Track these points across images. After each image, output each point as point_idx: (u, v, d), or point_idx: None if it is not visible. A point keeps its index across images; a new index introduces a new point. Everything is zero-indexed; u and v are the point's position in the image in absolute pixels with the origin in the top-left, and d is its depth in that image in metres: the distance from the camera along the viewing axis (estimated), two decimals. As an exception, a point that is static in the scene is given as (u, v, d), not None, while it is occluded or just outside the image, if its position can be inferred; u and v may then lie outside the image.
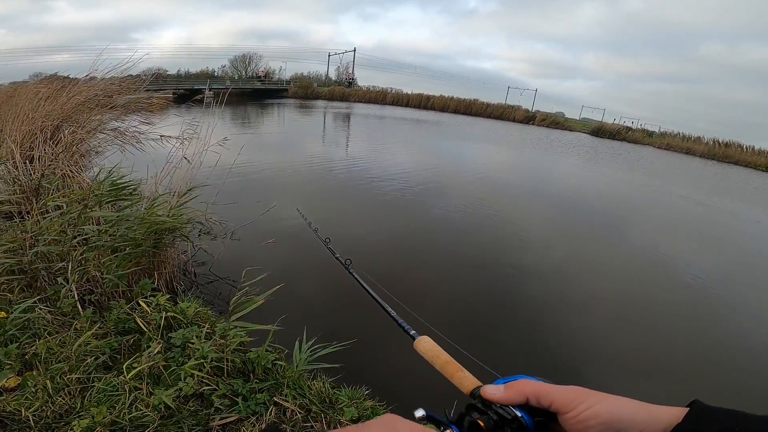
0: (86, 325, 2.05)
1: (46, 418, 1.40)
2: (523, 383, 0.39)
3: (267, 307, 2.17)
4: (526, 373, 0.42)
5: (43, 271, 2.57)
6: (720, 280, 5.11)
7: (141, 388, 1.58)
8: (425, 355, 0.57)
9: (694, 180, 16.02)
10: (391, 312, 0.80)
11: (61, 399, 1.50)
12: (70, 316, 2.20)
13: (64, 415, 1.45)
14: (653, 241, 6.40)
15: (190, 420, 1.52)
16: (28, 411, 1.40)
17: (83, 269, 2.44)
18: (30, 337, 1.88)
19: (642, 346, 3.32)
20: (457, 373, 0.50)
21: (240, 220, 4.48)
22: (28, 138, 4.83)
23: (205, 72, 40.48)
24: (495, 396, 0.40)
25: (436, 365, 0.54)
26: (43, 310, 2.18)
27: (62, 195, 3.05)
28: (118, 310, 2.18)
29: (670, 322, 3.82)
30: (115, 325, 2.12)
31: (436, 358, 0.55)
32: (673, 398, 0.41)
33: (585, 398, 0.36)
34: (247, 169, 7.41)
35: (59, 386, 1.56)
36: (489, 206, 6.97)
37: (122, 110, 5.76)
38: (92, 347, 1.81)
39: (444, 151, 13.77)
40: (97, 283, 2.53)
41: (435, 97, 38.11)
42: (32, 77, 13.37)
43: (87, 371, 1.68)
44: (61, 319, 2.18)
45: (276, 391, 1.74)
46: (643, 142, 31.29)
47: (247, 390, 1.70)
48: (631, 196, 10.39)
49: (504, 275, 4.31)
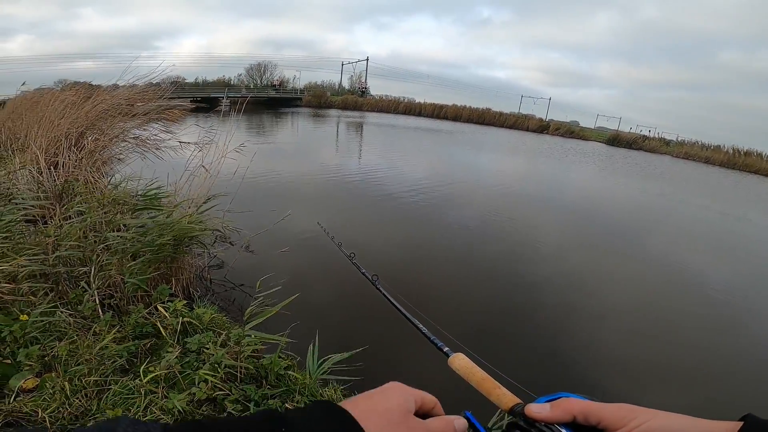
0: (105, 328, 2.09)
1: (62, 420, 1.43)
2: (570, 401, 0.39)
3: (282, 316, 2.18)
4: (567, 390, 0.41)
5: (64, 275, 2.65)
6: (739, 290, 4.97)
7: (156, 391, 1.60)
8: (460, 372, 0.56)
9: (714, 189, 15.60)
10: (422, 329, 0.79)
11: (78, 401, 1.54)
12: (90, 319, 2.25)
13: (80, 417, 1.47)
14: (672, 251, 6.24)
15: (204, 426, 1.53)
16: (44, 412, 1.44)
17: (105, 273, 2.51)
18: (52, 339, 1.93)
19: (665, 357, 3.23)
20: (494, 390, 0.49)
21: (255, 228, 4.54)
22: (53, 144, 5.01)
23: (222, 80, 41.49)
24: (541, 415, 0.39)
25: (472, 382, 0.54)
26: (65, 313, 2.24)
27: (85, 200, 3.14)
28: (137, 314, 2.22)
29: (693, 333, 3.72)
30: (134, 329, 2.16)
31: (471, 375, 0.54)
32: (694, 410, 0.40)
33: (636, 415, 0.35)
34: (263, 178, 7.53)
35: (77, 388, 1.59)
36: (506, 216, 6.92)
37: (144, 118, 5.94)
38: (111, 351, 1.85)
39: (459, 162, 13.76)
40: (117, 287, 2.59)
41: (448, 106, 38.23)
42: (57, 83, 13.92)
43: (105, 374, 1.72)
44: (81, 323, 2.23)
45: (287, 397, 1.74)
46: (660, 151, 30.70)
47: (259, 396, 1.71)
48: (648, 206, 10.17)
49: (525, 287, 4.26)
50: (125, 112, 5.73)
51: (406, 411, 0.39)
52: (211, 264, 3.57)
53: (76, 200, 3.29)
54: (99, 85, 6.16)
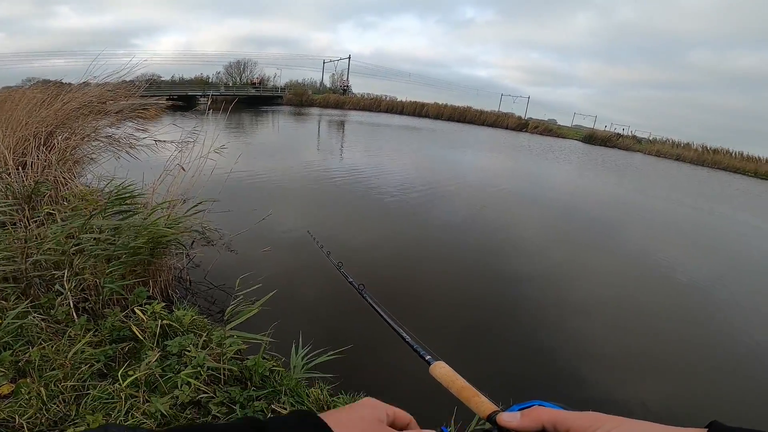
0: (80, 332, 2.04)
1: (41, 425, 1.39)
2: (540, 410, 0.39)
3: (264, 315, 2.17)
4: (540, 397, 0.43)
5: (36, 279, 2.55)
6: (714, 281, 5.23)
7: (137, 395, 1.57)
8: (441, 380, 0.57)
9: (681, 185, 16.29)
10: (405, 337, 0.80)
11: (56, 406, 1.49)
12: (65, 323, 2.18)
13: (59, 423, 1.44)
14: (648, 245, 6.50)
15: (187, 428, 1.51)
16: (22, 418, 1.39)
17: (80, 277, 2.43)
18: (24, 344, 1.86)
19: (646, 350, 3.37)
20: (473, 398, 0.50)
21: (235, 228, 4.48)
22: (21, 144, 4.80)
23: (200, 78, 40.45)
24: (511, 423, 0.40)
25: (452, 390, 0.55)
26: (37, 317, 2.16)
27: (56, 203, 3.03)
28: (113, 318, 2.16)
29: (670, 325, 3.90)
30: (110, 333, 2.11)
31: (452, 383, 0.55)
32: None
33: (602, 423, 0.35)
34: (243, 178, 7.41)
35: (54, 393, 1.55)
36: (486, 215, 7.03)
37: (117, 117, 5.75)
38: (87, 355, 1.80)
39: (439, 159, 13.88)
40: (92, 291, 2.52)
41: (429, 104, 38.48)
42: (24, 82, 13.29)
43: (82, 379, 1.67)
44: (55, 327, 2.16)
45: (274, 398, 1.74)
46: (633, 149, 31.78)
47: (244, 398, 1.70)
48: (623, 201, 10.54)
49: (504, 286, 4.34)
50: (97, 110, 5.54)
51: (378, 421, 0.42)
52: (190, 265, 3.50)
53: (46, 203, 3.16)
54: (70, 84, 5.92)
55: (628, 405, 2.62)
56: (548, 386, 2.77)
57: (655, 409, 2.58)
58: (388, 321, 0.88)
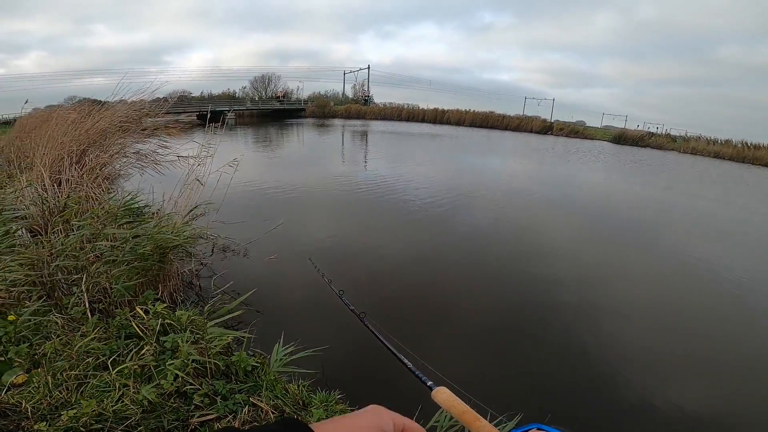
0: (92, 329, 2.25)
1: (43, 410, 1.58)
2: None
3: (255, 318, 2.31)
4: (541, 421, 0.45)
5: (62, 282, 2.83)
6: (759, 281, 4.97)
7: (129, 385, 1.74)
8: (443, 405, 0.59)
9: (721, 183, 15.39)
10: (407, 364, 0.84)
11: (59, 393, 1.68)
12: (80, 322, 2.42)
13: (60, 408, 1.62)
14: (685, 245, 6.25)
15: (171, 416, 1.66)
16: (28, 403, 1.58)
17: (96, 281, 2.68)
18: (41, 339, 2.09)
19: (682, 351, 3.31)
20: (475, 422, 0.51)
21: (247, 237, 4.71)
22: (57, 162, 5.27)
23: (227, 93, 42.27)
24: None
25: (453, 414, 0.56)
26: (58, 316, 2.41)
27: (82, 215, 3.34)
28: (121, 317, 2.38)
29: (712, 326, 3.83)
30: (118, 331, 2.32)
31: (453, 408, 0.57)
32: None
33: None
34: (262, 189, 7.74)
35: (59, 382, 1.74)
36: (504, 224, 6.98)
37: (143, 134, 6.19)
38: (93, 348, 2.00)
39: (458, 166, 13.85)
40: (106, 292, 2.76)
41: (450, 111, 38.35)
42: (67, 100, 14.37)
43: (86, 369, 1.86)
44: (71, 325, 2.40)
45: (254, 392, 1.87)
46: (667, 147, 30.34)
47: (227, 390, 1.84)
48: (655, 201, 10.09)
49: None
50: (124, 128, 5.99)
51: (379, 431, 0.38)
52: (202, 272, 3.73)
53: (71, 213, 3.48)
54: (105, 101, 6.42)
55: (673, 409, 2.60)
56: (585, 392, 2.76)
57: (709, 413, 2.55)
58: (390, 348, 0.95)
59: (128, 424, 1.55)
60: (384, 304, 3.63)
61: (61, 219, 3.84)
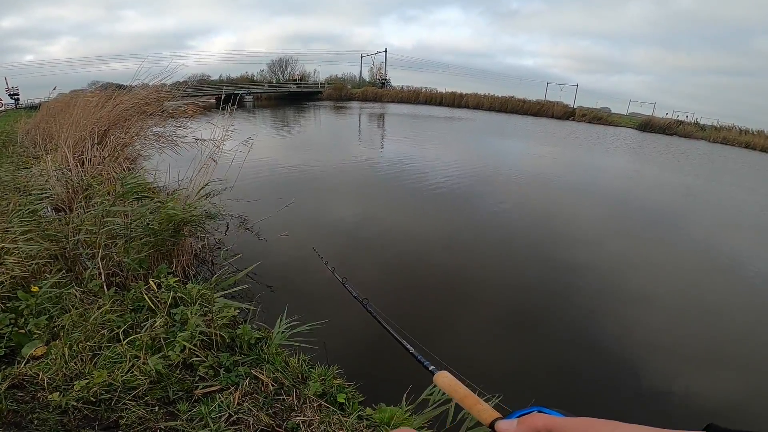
0: (108, 303, 2.36)
1: (58, 381, 1.67)
2: (536, 417, 0.40)
3: (261, 291, 2.36)
4: (544, 404, 0.43)
5: (82, 256, 2.96)
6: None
7: (140, 356, 1.83)
8: (445, 389, 0.60)
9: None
10: (409, 348, 0.85)
11: (74, 364, 1.78)
12: (97, 295, 2.53)
13: (74, 378, 1.71)
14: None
15: (177, 386, 1.74)
16: (45, 374, 1.68)
17: (109, 255, 2.79)
18: (60, 311, 2.21)
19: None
20: (475, 405, 0.51)
21: (260, 215, 4.80)
22: (80, 143, 5.45)
23: (245, 77, 42.41)
24: (509, 431, 0.41)
25: (455, 398, 0.57)
26: (77, 290, 2.53)
27: (97, 192, 3.46)
28: (136, 290, 2.48)
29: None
30: (133, 303, 2.42)
31: (454, 392, 0.57)
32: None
33: (596, 428, 0.36)
34: (277, 169, 7.82)
35: (75, 353, 1.84)
36: (510, 213, 6.87)
37: (163, 116, 6.32)
38: (107, 320, 2.10)
39: (473, 150, 13.61)
40: (121, 266, 2.88)
41: (468, 95, 37.48)
42: (90, 85, 14.73)
43: (100, 341, 1.96)
44: (89, 298, 2.52)
45: (256, 365, 1.93)
46: (695, 136, 28.94)
47: (231, 363, 1.91)
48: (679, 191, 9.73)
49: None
50: (144, 110, 6.12)
51: None
52: (213, 248, 3.83)
53: (91, 191, 3.61)
54: (129, 86, 6.56)
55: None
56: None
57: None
58: (392, 333, 0.96)
59: (135, 394, 1.63)
60: (387, 288, 3.67)
61: (84, 197, 4.00)
